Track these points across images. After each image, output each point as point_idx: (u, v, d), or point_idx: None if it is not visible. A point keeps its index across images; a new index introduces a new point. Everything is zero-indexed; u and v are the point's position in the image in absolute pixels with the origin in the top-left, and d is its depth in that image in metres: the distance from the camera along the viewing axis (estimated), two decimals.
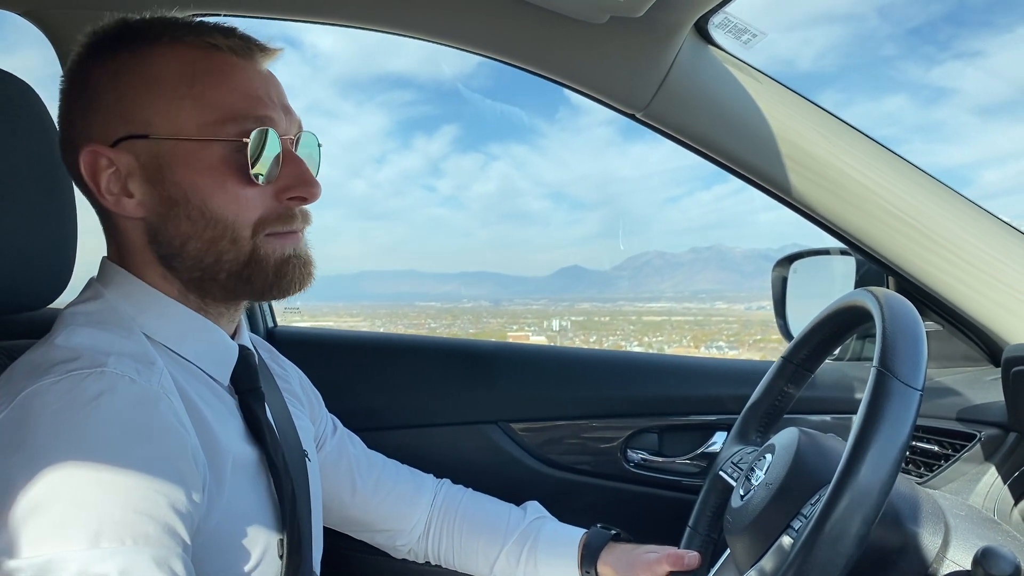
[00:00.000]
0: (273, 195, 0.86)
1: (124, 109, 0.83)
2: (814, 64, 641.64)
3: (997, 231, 1.24)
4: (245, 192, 0.84)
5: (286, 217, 0.87)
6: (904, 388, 0.67)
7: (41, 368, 0.72)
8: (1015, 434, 1.10)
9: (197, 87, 0.82)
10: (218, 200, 0.83)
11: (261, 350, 1.10)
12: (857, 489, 0.65)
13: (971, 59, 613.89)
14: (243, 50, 0.85)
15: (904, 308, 0.77)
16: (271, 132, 0.83)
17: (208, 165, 0.82)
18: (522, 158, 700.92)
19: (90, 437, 0.68)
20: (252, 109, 0.83)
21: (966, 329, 1.32)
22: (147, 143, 0.82)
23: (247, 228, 0.84)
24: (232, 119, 0.82)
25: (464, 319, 53.69)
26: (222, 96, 0.83)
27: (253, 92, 0.84)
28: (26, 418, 0.68)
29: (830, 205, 1.28)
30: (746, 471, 0.92)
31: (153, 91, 0.82)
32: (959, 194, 1.25)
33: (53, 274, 0.98)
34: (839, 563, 0.65)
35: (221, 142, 0.82)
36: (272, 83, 0.87)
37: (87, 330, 0.80)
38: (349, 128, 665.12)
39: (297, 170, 0.87)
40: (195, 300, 0.88)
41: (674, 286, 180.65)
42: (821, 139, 1.25)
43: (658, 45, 1.21)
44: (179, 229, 0.83)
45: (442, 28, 1.29)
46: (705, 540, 1.08)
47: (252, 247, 0.85)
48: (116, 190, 0.84)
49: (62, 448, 0.66)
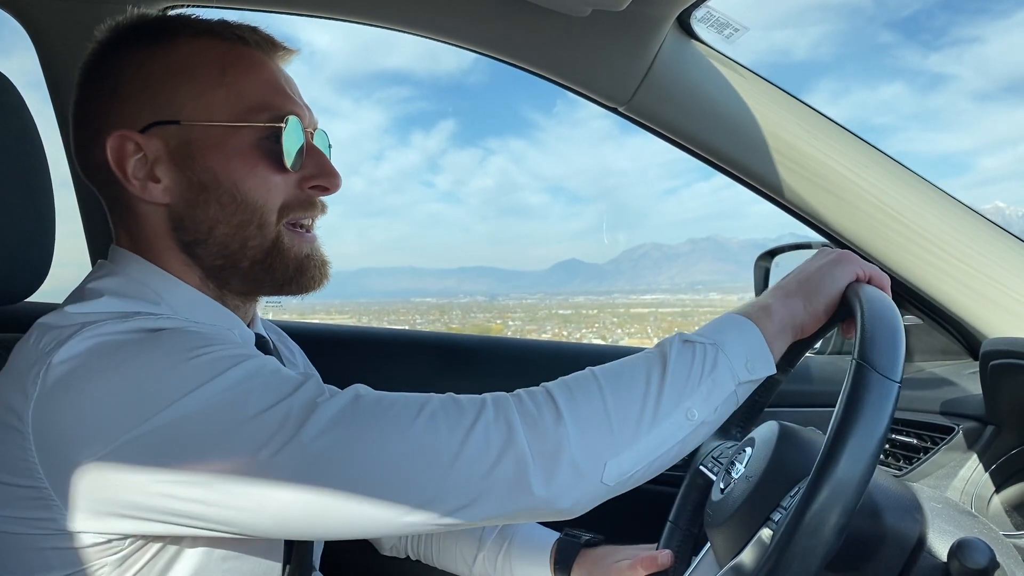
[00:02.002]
0: (297, 183, 0.88)
1: (153, 96, 0.84)
2: (809, 53, 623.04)
3: (977, 226, 1.25)
4: (274, 177, 0.86)
5: (308, 204, 0.90)
6: (883, 380, 0.68)
7: (91, 323, 0.74)
8: (992, 427, 1.11)
9: (229, 76, 0.85)
10: (249, 184, 0.85)
11: (271, 333, 1.11)
12: (836, 480, 0.65)
13: (968, 46, 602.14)
14: (267, 47, 0.90)
15: (883, 302, 0.77)
16: (299, 123, 0.87)
17: (239, 150, 0.84)
18: (520, 152, 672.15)
19: (171, 345, 0.72)
20: (281, 101, 0.87)
21: (945, 323, 1.33)
22: (178, 129, 0.84)
23: (273, 213, 0.87)
24: (264, 108, 0.85)
25: (451, 314, 53.89)
26: (253, 86, 0.86)
27: (279, 86, 0.88)
28: (97, 347, 0.71)
29: (811, 199, 1.28)
30: (726, 465, 0.92)
31: (183, 78, 0.84)
32: (940, 189, 1.26)
33: (31, 268, 0.97)
34: (818, 554, 0.65)
35: (254, 127, 0.85)
36: (292, 82, 0.92)
37: (117, 300, 0.81)
38: (347, 125, 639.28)
39: (320, 160, 0.90)
40: (214, 290, 0.89)
41: (671, 278, 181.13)
42: (803, 133, 1.26)
43: (640, 39, 1.21)
44: (207, 214, 0.85)
45: (425, 21, 1.29)
46: (685, 534, 1.08)
47: (276, 234, 0.87)
48: (142, 175, 0.85)
49: (148, 360, 0.70)
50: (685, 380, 0.77)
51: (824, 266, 0.85)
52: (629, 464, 0.74)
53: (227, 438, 0.67)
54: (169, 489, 0.68)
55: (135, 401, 0.67)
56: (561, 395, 0.74)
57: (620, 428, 0.74)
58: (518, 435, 0.71)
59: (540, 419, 0.72)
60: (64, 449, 0.68)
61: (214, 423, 0.67)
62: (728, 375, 0.78)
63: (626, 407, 0.74)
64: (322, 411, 0.69)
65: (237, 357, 0.72)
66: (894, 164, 1.27)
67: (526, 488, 0.71)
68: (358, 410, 0.71)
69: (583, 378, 0.77)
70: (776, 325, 0.82)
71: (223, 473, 0.67)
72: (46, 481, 0.69)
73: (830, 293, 0.83)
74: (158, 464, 0.67)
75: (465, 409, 0.73)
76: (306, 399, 0.70)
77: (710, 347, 0.79)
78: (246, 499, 0.68)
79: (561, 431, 0.72)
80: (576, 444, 0.72)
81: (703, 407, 0.77)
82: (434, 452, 0.69)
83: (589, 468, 0.72)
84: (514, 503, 0.71)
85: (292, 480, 0.67)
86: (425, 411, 0.72)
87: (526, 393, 0.76)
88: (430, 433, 0.70)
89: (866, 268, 0.86)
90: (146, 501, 0.69)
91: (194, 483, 0.67)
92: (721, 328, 0.82)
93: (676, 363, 0.77)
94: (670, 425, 0.75)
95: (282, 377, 0.73)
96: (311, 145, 0.90)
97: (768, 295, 0.85)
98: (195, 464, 0.67)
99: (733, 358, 0.79)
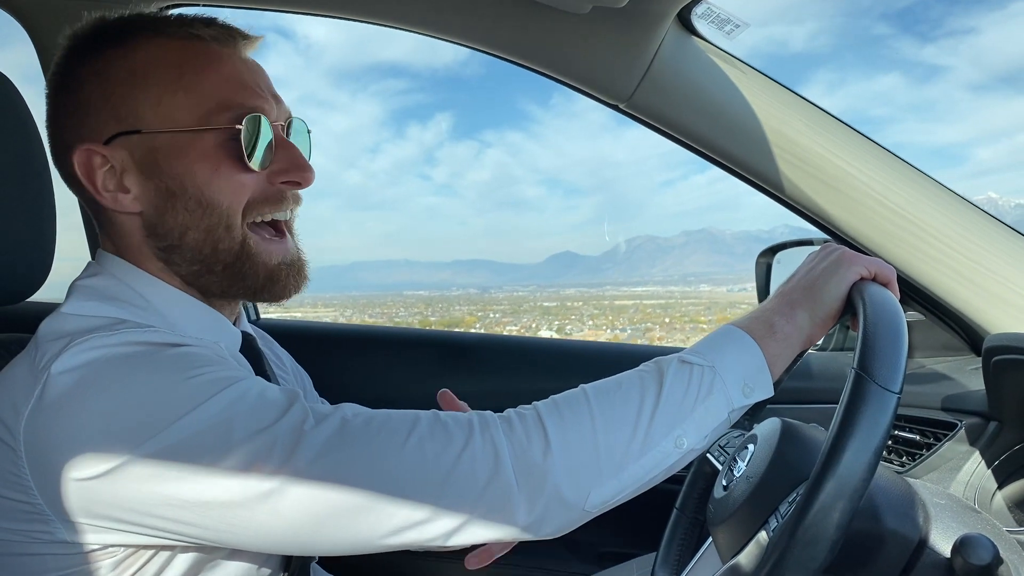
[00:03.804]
0: (266, 179, 0.86)
1: (114, 106, 0.83)
2: (807, 45, 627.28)
3: (979, 222, 1.25)
4: (240, 178, 0.84)
5: (276, 199, 0.87)
6: (881, 392, 0.67)
7: (82, 331, 0.73)
8: (995, 422, 1.11)
9: (186, 77, 0.82)
10: (215, 187, 0.83)
11: (257, 337, 1.10)
12: (831, 494, 0.65)
13: (963, 36, 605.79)
14: (226, 39, 0.86)
15: (887, 306, 0.75)
16: (263, 119, 0.84)
17: (203, 154, 0.82)
18: (517, 145, 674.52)
19: (163, 366, 0.71)
20: (243, 97, 0.84)
21: (948, 319, 1.32)
22: (141, 137, 0.82)
23: (238, 214, 0.85)
24: (224, 108, 0.82)
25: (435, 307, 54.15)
26: (212, 85, 0.83)
27: (241, 80, 0.85)
28: (97, 362, 0.70)
29: (812, 195, 1.28)
30: (729, 461, 0.92)
31: (140, 85, 0.82)
32: (939, 183, 1.26)
33: (31, 268, 0.96)
34: (813, 565, 0.66)
35: (215, 131, 0.82)
36: (258, 71, 0.88)
37: (104, 304, 0.81)
38: (343, 118, 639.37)
39: (291, 154, 0.87)
40: (196, 293, 0.89)
41: (664, 270, 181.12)
42: (804, 129, 1.26)
43: (641, 36, 1.21)
44: (177, 220, 0.84)
45: (425, 19, 1.28)
46: (692, 522, 1.09)
47: (243, 236, 0.85)
48: (112, 187, 0.84)
49: (136, 381, 0.70)
50: (679, 405, 0.75)
51: (828, 268, 0.83)
52: (612, 492, 0.73)
53: (218, 464, 0.67)
54: (163, 511, 0.68)
55: (126, 426, 0.67)
56: (551, 421, 0.73)
57: (608, 457, 0.73)
58: (505, 464, 0.70)
59: (528, 447, 0.71)
60: (57, 468, 0.67)
61: (204, 450, 0.67)
62: (723, 402, 0.77)
63: (616, 434, 0.73)
64: (309, 440, 0.69)
65: (224, 381, 0.71)
66: (893, 158, 1.27)
67: (510, 516, 0.71)
68: (345, 436, 0.70)
69: (575, 400, 0.76)
70: (780, 344, 0.80)
71: (214, 499, 0.67)
72: (39, 497, 0.69)
73: (836, 297, 0.81)
74: (152, 488, 0.67)
75: (452, 435, 0.72)
76: (291, 426, 0.69)
77: (707, 370, 0.77)
78: (238, 523, 0.68)
79: (549, 462, 0.71)
80: (562, 475, 0.71)
81: (694, 435, 0.75)
82: (422, 479, 0.69)
83: (573, 497, 0.72)
84: (498, 529, 0.71)
85: (280, 507, 0.68)
86: (413, 436, 0.71)
87: (516, 416, 0.75)
88: (418, 460, 0.70)
89: (871, 265, 0.84)
90: (141, 519, 0.69)
91: (187, 507, 0.68)
92: (721, 346, 0.79)
93: (671, 386, 0.76)
94: (658, 453, 0.74)
95: (267, 402, 0.71)
96: (280, 139, 0.87)
97: (773, 308, 0.82)
98: (188, 489, 0.67)
99: (730, 383, 0.77)
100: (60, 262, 1.00)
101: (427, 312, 52.45)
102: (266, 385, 0.74)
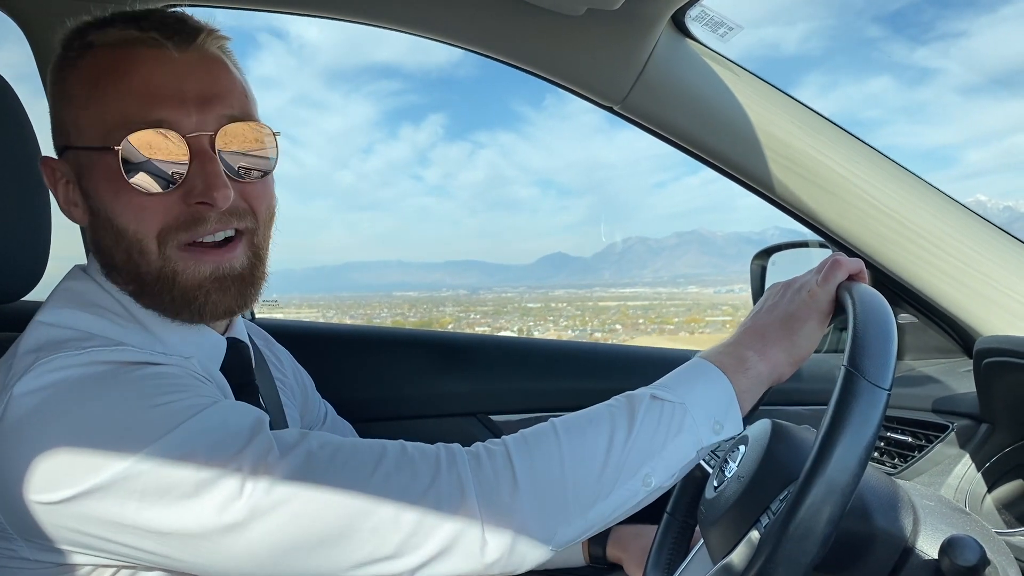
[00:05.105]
0: (181, 200, 0.79)
1: (60, 120, 0.83)
2: (799, 48, 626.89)
3: (971, 224, 1.25)
4: (140, 201, 0.78)
5: (195, 222, 0.79)
6: (871, 388, 0.68)
7: (51, 345, 0.72)
8: (987, 425, 1.11)
9: (98, 90, 0.78)
10: (118, 211, 0.79)
11: (256, 337, 1.09)
12: (821, 489, 0.65)
13: (955, 39, 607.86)
14: (156, 40, 0.79)
15: (877, 305, 0.76)
16: (165, 134, 0.77)
17: (106, 175, 0.78)
18: (510, 146, 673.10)
19: (127, 392, 0.70)
20: (144, 111, 0.77)
21: (940, 321, 1.33)
22: (73, 153, 0.81)
23: (151, 240, 0.79)
24: (124, 125, 0.76)
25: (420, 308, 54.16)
26: (117, 98, 0.77)
27: (149, 90, 0.77)
28: (58, 384, 0.69)
29: (806, 197, 1.28)
30: (720, 462, 0.92)
31: (65, 100, 0.81)
32: (931, 186, 1.26)
33: (27, 267, 0.97)
34: (804, 561, 0.66)
35: (114, 151, 0.76)
36: (185, 74, 0.79)
37: (82, 314, 0.79)
38: (336, 119, 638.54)
39: (204, 171, 0.78)
40: None
41: (654, 271, 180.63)
42: (798, 132, 1.26)
43: (635, 38, 1.21)
44: (105, 241, 0.81)
45: (420, 21, 1.28)
46: (683, 526, 1.09)
47: (162, 261, 0.79)
48: (66, 199, 0.84)
49: (96, 407, 0.68)
50: (648, 443, 0.75)
51: (805, 309, 0.81)
52: (579, 530, 0.74)
53: (180, 497, 0.66)
54: (124, 539, 0.68)
55: (87, 452, 0.66)
56: (519, 458, 0.73)
57: (575, 496, 0.73)
58: (470, 500, 0.70)
59: (496, 487, 0.71)
60: (18, 490, 0.67)
61: (165, 482, 0.66)
62: (691, 441, 0.76)
63: (585, 472, 0.73)
64: (273, 473, 0.68)
65: (188, 410, 0.70)
66: (885, 160, 1.27)
67: (475, 552, 0.71)
68: (310, 469, 0.69)
69: (544, 436, 0.75)
70: (750, 380, 0.79)
71: (176, 530, 0.67)
72: (1, 517, 0.69)
73: (814, 342, 0.81)
74: (113, 516, 0.66)
75: (418, 470, 0.71)
76: (255, 458, 0.68)
77: (678, 407, 0.76)
78: (202, 552, 0.68)
79: (516, 501, 0.71)
80: (530, 514, 0.71)
81: (662, 473, 0.75)
82: (387, 514, 0.69)
83: (540, 535, 0.72)
84: (463, 565, 0.71)
85: (242, 540, 0.67)
86: (379, 471, 0.70)
87: (485, 452, 0.74)
88: (383, 494, 0.69)
89: (851, 267, 0.83)
90: (102, 545, 0.69)
91: (148, 536, 0.67)
92: (691, 380, 0.79)
93: (642, 424, 0.75)
94: (626, 492, 0.74)
95: (230, 434, 0.69)
96: (199, 152, 0.78)
97: (745, 343, 0.81)
98: (148, 519, 0.66)
99: (699, 420, 0.76)
100: (55, 261, 1.00)
101: (409, 313, 52.70)
102: (231, 411, 0.72)
